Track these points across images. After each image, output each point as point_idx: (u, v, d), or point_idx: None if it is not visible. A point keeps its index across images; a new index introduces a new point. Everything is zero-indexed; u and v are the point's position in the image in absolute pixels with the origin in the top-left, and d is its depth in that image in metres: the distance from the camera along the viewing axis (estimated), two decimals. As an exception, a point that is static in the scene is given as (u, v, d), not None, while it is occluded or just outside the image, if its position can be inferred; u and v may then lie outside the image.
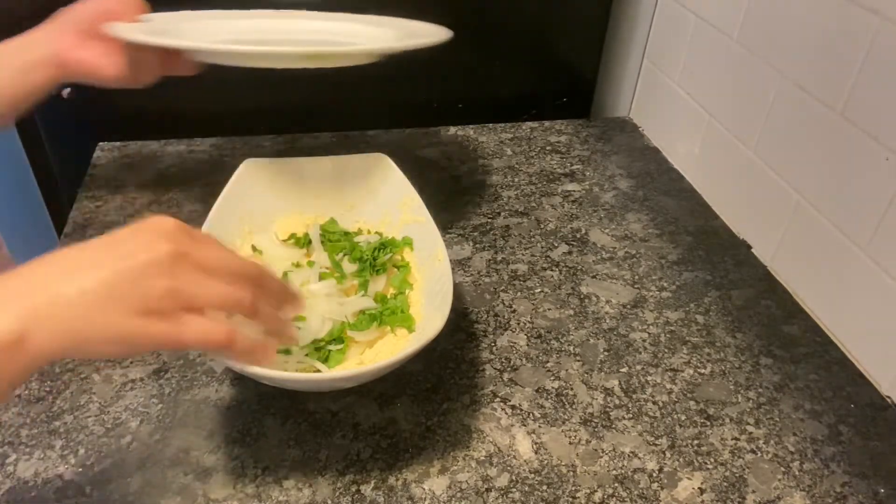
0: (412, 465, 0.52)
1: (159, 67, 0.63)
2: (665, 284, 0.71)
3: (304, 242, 0.65)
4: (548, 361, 0.61)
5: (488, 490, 0.50)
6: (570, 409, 0.57)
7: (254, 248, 0.63)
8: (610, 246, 0.76)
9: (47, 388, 0.56)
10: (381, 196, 0.66)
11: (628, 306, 0.68)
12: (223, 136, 0.91)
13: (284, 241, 0.64)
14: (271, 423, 0.54)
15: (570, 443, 0.54)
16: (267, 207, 0.65)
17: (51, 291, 0.36)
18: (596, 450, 0.54)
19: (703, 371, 0.62)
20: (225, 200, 0.61)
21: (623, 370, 0.61)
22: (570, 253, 0.75)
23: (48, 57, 0.60)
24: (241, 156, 0.66)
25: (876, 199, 0.60)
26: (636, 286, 0.71)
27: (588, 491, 0.51)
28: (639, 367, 0.61)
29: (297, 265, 0.62)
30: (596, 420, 0.56)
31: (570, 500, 0.50)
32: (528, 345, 0.63)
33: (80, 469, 0.50)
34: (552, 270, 0.72)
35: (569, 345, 0.63)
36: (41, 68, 0.60)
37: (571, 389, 0.59)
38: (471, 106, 0.97)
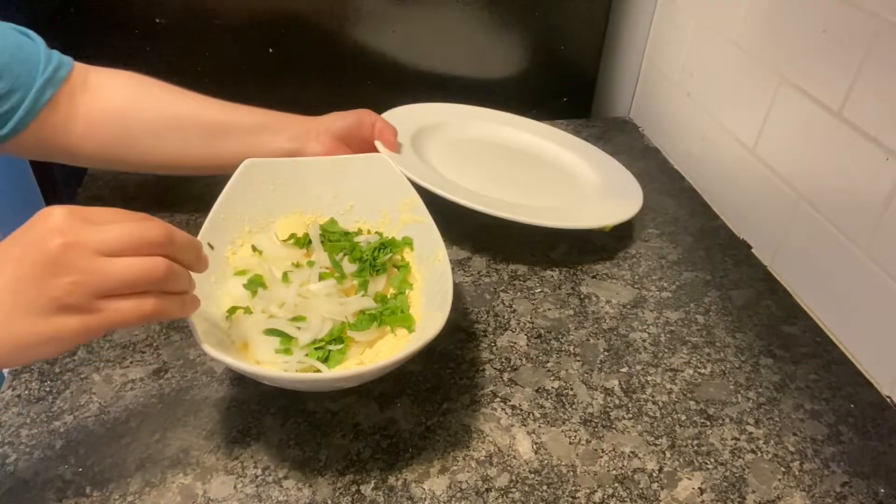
0: (412, 465, 0.52)
1: None
2: (665, 284, 0.71)
3: (304, 242, 0.64)
4: (548, 361, 0.61)
5: (488, 490, 0.50)
6: (570, 409, 0.57)
7: (254, 248, 0.63)
8: (610, 246, 0.76)
9: (47, 388, 0.56)
10: (381, 196, 0.66)
11: (628, 306, 0.68)
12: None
13: (284, 241, 0.64)
14: (271, 423, 0.54)
15: (570, 443, 0.54)
16: (267, 207, 0.65)
17: None
18: (596, 450, 0.54)
19: (703, 371, 0.62)
20: (225, 200, 0.61)
21: (623, 370, 0.61)
22: (570, 253, 0.75)
23: (312, 156, 0.69)
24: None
25: (875, 200, 0.60)
26: (636, 286, 0.71)
27: (588, 491, 0.51)
28: (639, 367, 0.61)
29: (297, 265, 0.62)
30: (596, 420, 0.56)
31: (570, 500, 0.50)
32: (528, 345, 0.63)
33: (80, 469, 0.50)
34: (552, 270, 0.72)
35: (569, 345, 0.63)
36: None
37: (571, 389, 0.59)
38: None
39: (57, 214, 0.39)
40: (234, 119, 0.69)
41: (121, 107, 0.65)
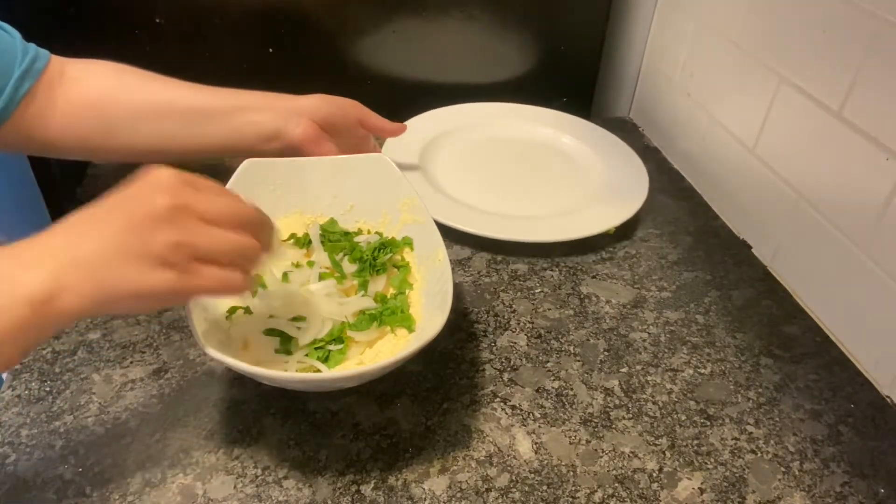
0: (412, 465, 0.52)
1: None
2: (665, 284, 0.71)
3: (304, 242, 0.65)
4: (548, 361, 0.61)
5: (488, 490, 0.50)
6: (570, 409, 0.57)
7: (254, 248, 0.63)
8: (610, 246, 0.76)
9: (47, 388, 0.56)
10: (381, 196, 0.66)
11: (628, 306, 0.68)
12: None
13: (284, 241, 0.64)
14: (271, 423, 0.54)
15: (570, 443, 0.54)
16: (267, 207, 0.64)
17: (71, 253, 0.39)
18: (596, 450, 0.54)
19: (703, 371, 0.62)
20: (225, 200, 0.61)
21: (623, 370, 0.61)
22: (570, 253, 0.75)
23: (290, 139, 0.67)
24: (241, 156, 0.66)
25: (875, 200, 0.60)
26: (636, 286, 0.71)
27: (588, 491, 0.51)
28: (639, 367, 0.61)
29: (297, 265, 0.62)
30: (596, 420, 0.56)
31: (570, 500, 0.50)
32: (528, 345, 0.63)
33: (80, 469, 0.50)
34: (552, 270, 0.72)
35: (569, 345, 0.63)
36: (277, 142, 0.68)
37: (571, 389, 0.59)
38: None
39: (167, 175, 0.42)
40: (214, 102, 0.67)
41: (98, 97, 0.64)
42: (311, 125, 0.68)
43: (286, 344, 0.55)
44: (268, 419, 0.55)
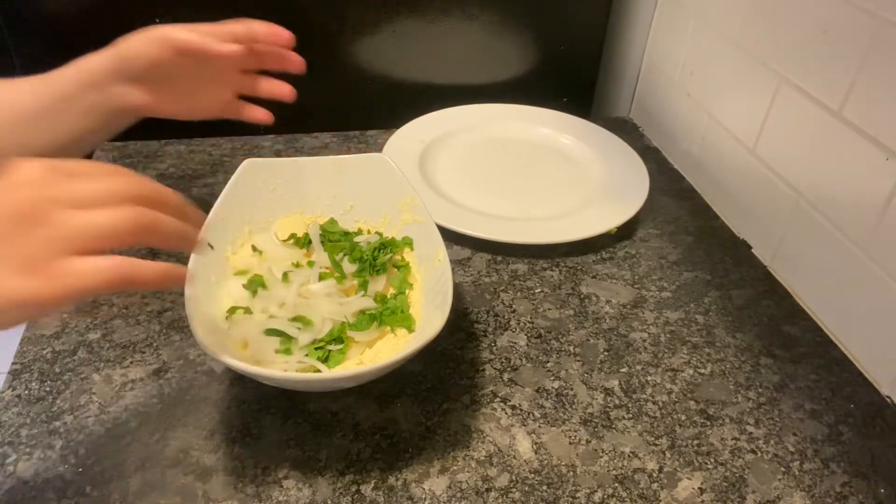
0: (412, 465, 0.52)
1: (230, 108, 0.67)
2: (665, 284, 0.71)
3: (304, 242, 0.64)
4: (548, 361, 0.61)
5: (488, 490, 0.50)
6: (570, 409, 0.57)
7: (254, 249, 0.63)
8: (610, 246, 0.76)
9: (47, 388, 0.56)
10: (381, 196, 0.66)
11: (628, 306, 0.68)
12: (223, 136, 0.91)
13: (284, 241, 0.64)
14: (271, 423, 0.54)
15: (570, 443, 0.54)
16: (267, 207, 0.65)
17: None
18: (596, 450, 0.54)
19: (703, 371, 0.62)
20: (225, 200, 0.61)
21: (623, 370, 0.61)
22: (570, 253, 0.75)
23: (126, 108, 0.61)
24: (241, 156, 0.66)
25: (875, 200, 0.60)
26: (636, 286, 0.71)
27: (588, 491, 0.51)
28: (639, 367, 0.61)
29: (297, 265, 0.62)
30: (596, 420, 0.56)
31: (570, 500, 0.50)
32: (528, 345, 0.63)
33: (80, 469, 0.50)
34: (552, 270, 0.72)
35: (569, 345, 0.63)
36: (125, 117, 0.63)
37: (571, 389, 0.59)
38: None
39: (32, 168, 0.37)
40: (50, 95, 0.60)
41: None
42: (131, 84, 0.61)
43: (286, 344, 0.55)
44: (268, 419, 0.55)
